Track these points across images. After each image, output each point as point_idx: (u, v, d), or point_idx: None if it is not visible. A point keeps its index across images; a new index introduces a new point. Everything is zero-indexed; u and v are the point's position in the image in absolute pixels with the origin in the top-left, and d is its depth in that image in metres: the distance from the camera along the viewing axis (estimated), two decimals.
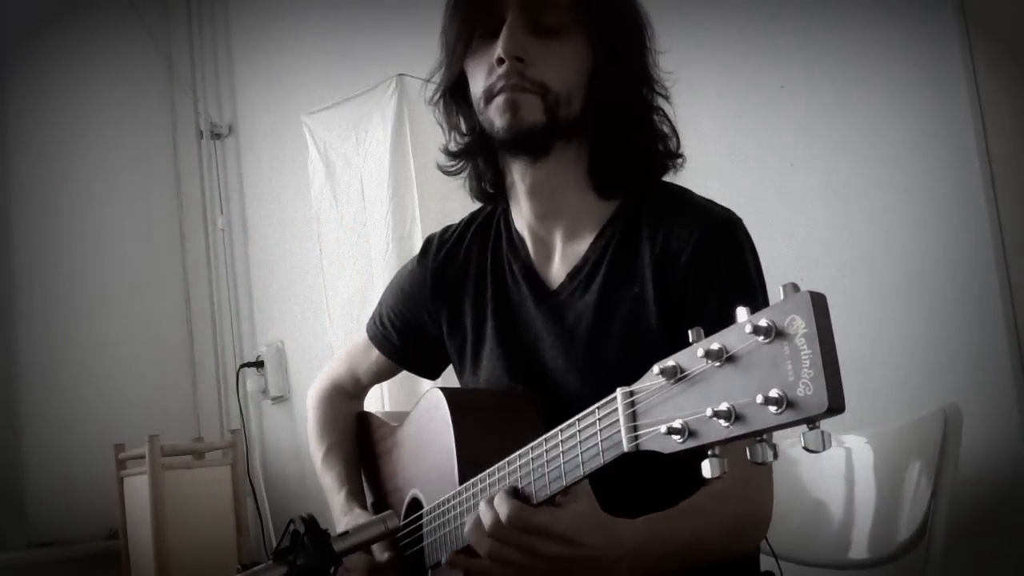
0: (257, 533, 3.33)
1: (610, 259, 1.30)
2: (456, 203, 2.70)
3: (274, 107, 3.54)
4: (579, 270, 1.32)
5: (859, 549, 1.56)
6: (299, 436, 3.43)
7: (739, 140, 2.36)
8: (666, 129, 1.34)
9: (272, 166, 3.56)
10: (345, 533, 1.25)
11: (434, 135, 2.79)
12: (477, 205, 1.51)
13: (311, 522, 1.19)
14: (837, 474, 1.66)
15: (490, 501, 1.04)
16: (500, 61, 1.25)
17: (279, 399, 3.49)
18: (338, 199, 2.98)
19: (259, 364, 3.52)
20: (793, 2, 2.31)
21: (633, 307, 1.26)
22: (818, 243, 2.24)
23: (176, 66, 3.79)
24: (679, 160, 1.35)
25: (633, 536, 1.06)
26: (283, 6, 3.54)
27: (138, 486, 2.96)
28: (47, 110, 3.48)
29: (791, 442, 1.75)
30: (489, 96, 1.28)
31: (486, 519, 1.03)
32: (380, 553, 1.34)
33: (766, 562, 1.35)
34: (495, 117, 1.27)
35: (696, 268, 1.23)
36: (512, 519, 1.01)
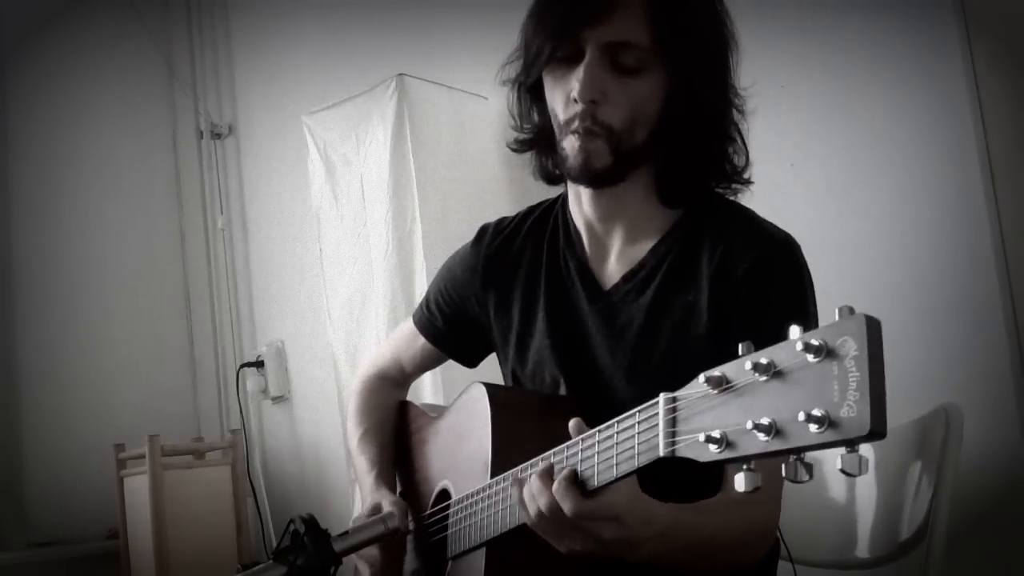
0: (257, 533, 3.33)
1: (668, 266, 1.31)
2: (456, 203, 2.73)
3: (274, 107, 3.54)
4: (635, 273, 1.33)
5: (861, 548, 1.57)
6: (299, 436, 3.43)
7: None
8: (737, 149, 1.35)
9: (272, 166, 3.56)
10: (345, 533, 1.26)
11: (434, 135, 2.81)
12: (476, 208, 1.51)
13: (311, 522, 1.20)
14: (838, 474, 1.66)
15: (546, 476, 1.05)
16: (575, 100, 1.26)
17: (279, 399, 3.49)
18: (338, 199, 2.98)
19: (259, 364, 3.52)
20: (793, 2, 2.31)
21: (685, 315, 1.27)
22: (818, 243, 2.23)
23: (176, 66, 3.79)
24: (747, 182, 1.36)
25: (662, 518, 1.07)
26: (283, 6, 3.54)
27: (138, 486, 2.96)
28: (47, 110, 3.47)
29: None
30: (566, 131, 1.29)
31: (543, 498, 1.04)
32: (390, 546, 1.35)
33: (783, 568, 1.36)
34: (568, 154, 1.29)
35: (751, 285, 1.24)
36: (574, 510, 1.02)
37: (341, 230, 2.97)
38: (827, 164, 2.26)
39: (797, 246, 1.30)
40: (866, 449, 1.67)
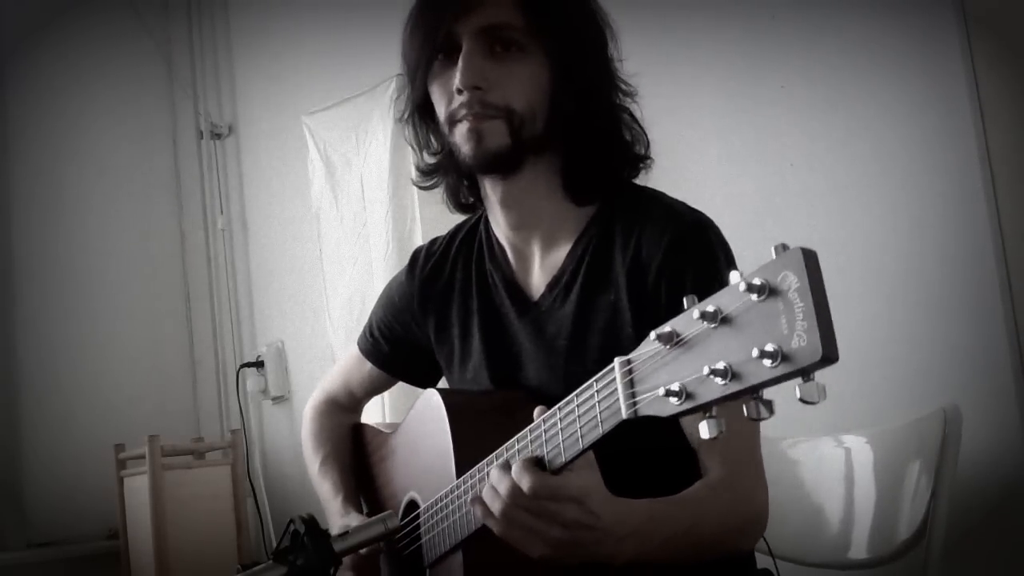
0: (257, 533, 3.33)
1: (586, 268, 1.30)
2: None
3: (274, 107, 3.54)
4: (557, 280, 1.33)
5: (859, 549, 1.57)
6: (299, 436, 3.42)
7: (739, 140, 2.36)
8: (633, 131, 1.34)
9: (272, 166, 3.56)
10: (345, 533, 1.25)
11: None
12: None
13: (311, 522, 1.20)
14: (837, 474, 1.66)
15: (505, 467, 1.04)
16: (459, 91, 1.26)
17: (279, 399, 3.49)
18: (338, 199, 2.98)
19: (259, 364, 3.52)
20: (793, 2, 2.31)
21: (610, 316, 1.27)
22: (818, 243, 2.22)
23: (176, 66, 3.79)
24: (648, 161, 1.35)
25: (637, 516, 1.07)
26: (283, 6, 3.54)
27: (138, 486, 2.96)
28: (47, 110, 3.48)
29: (790, 442, 1.76)
30: (452, 122, 1.29)
31: (503, 484, 1.03)
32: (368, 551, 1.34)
33: (763, 561, 1.36)
34: (461, 144, 1.29)
35: (667, 272, 1.23)
36: (533, 487, 1.01)
37: (341, 230, 2.97)
38: (827, 164, 2.25)
39: (709, 224, 1.28)
40: (865, 449, 1.68)
